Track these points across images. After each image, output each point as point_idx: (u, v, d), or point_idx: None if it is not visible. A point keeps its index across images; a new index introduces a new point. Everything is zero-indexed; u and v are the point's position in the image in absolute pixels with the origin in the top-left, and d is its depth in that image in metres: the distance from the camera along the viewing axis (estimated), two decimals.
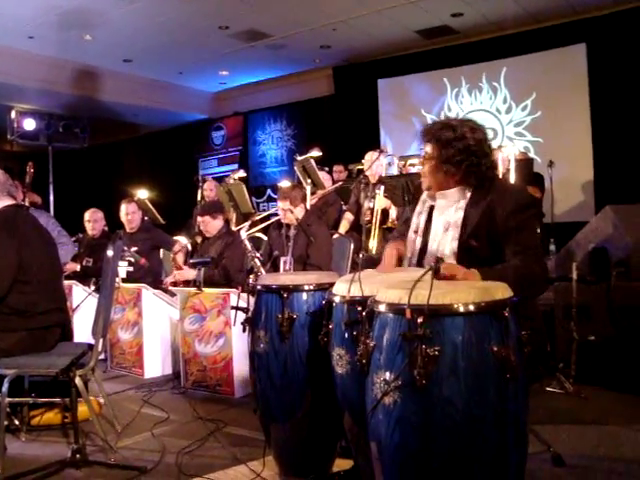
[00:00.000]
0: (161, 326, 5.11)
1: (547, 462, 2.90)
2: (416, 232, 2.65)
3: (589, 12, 8.61)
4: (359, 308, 2.19)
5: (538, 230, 2.69)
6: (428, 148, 2.57)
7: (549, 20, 8.89)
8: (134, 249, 5.67)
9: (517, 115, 9.45)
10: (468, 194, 2.51)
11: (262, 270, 4.58)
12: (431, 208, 2.63)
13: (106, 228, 6.46)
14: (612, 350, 4.22)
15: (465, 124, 2.53)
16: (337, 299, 2.34)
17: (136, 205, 6.12)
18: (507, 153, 5.76)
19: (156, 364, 5.05)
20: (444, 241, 2.48)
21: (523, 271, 2.28)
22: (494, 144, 2.71)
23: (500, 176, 4.28)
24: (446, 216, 2.53)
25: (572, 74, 8.82)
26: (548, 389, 4.09)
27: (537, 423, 2.89)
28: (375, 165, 5.83)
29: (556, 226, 7.46)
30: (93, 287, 5.37)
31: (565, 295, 4.48)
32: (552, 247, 6.86)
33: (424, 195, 2.69)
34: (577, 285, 4.33)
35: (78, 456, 3.04)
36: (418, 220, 2.67)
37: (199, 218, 5.36)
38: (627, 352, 4.15)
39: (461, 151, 2.47)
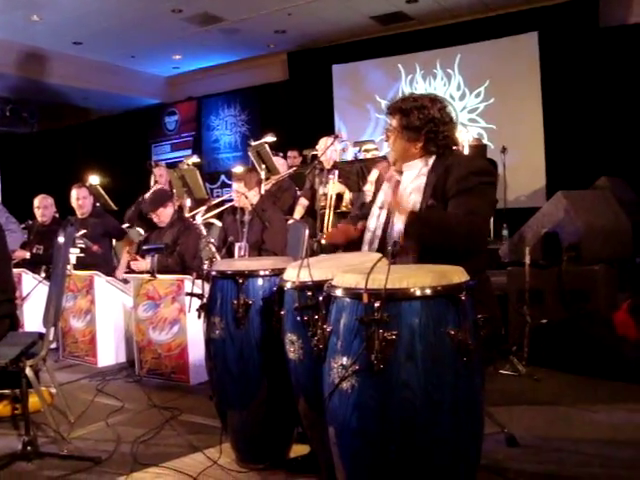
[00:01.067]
0: (114, 314, 5.02)
1: (501, 443, 2.94)
2: (381, 207, 2.71)
3: (541, 1, 8.74)
4: (309, 293, 2.20)
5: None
6: (392, 120, 2.66)
7: (502, 8, 8.99)
8: (83, 232, 5.55)
9: (471, 102, 9.54)
10: (430, 162, 2.59)
11: (217, 256, 4.54)
12: (397, 183, 2.67)
13: (57, 215, 6.31)
14: (563, 333, 4.30)
15: (426, 96, 2.67)
16: (288, 285, 2.33)
17: (87, 190, 6.01)
18: (461, 139, 5.82)
19: (110, 352, 4.97)
20: (409, 204, 2.54)
21: (462, 228, 2.38)
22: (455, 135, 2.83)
23: None
24: (411, 184, 2.60)
25: (525, 62, 8.94)
26: (502, 372, 4.14)
27: (491, 405, 2.92)
28: (329, 151, 5.83)
29: (508, 212, 7.58)
30: (44, 275, 5.25)
31: (518, 279, 4.55)
32: (505, 232, 6.98)
33: (390, 172, 2.75)
34: (530, 269, 4.40)
35: (29, 448, 2.96)
36: (385, 195, 2.72)
37: (150, 214, 5.27)
38: (578, 335, 4.24)
39: (421, 118, 2.57)
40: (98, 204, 6.36)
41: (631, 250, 4.92)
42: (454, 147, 2.71)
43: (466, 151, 5.38)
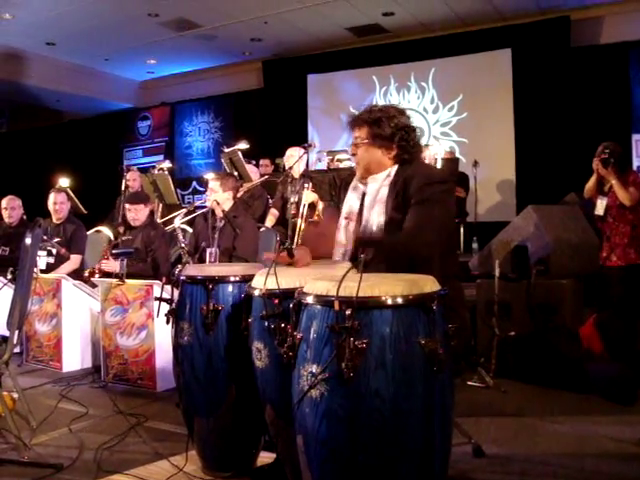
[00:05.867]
0: (81, 318, 4.94)
1: (468, 453, 2.96)
2: (347, 218, 2.69)
3: (515, 19, 8.88)
4: (276, 301, 2.18)
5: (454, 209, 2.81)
6: (359, 132, 2.65)
7: (477, 24, 9.11)
8: (56, 240, 5.49)
9: (444, 115, 9.62)
10: (393, 172, 2.59)
11: (190, 261, 4.51)
12: (363, 194, 2.67)
13: (24, 216, 6.21)
14: (531, 345, 4.34)
15: (390, 106, 2.68)
16: (256, 292, 2.31)
17: (65, 195, 5.87)
18: (434, 152, 5.87)
19: (75, 357, 4.89)
20: (372, 218, 2.56)
21: (404, 249, 2.40)
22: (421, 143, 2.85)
23: None
24: (375, 196, 2.59)
25: (497, 78, 9.06)
26: (469, 383, 4.16)
27: (459, 416, 2.91)
28: (301, 160, 5.88)
29: (479, 225, 7.65)
30: (10, 276, 5.15)
31: (487, 291, 4.58)
32: (475, 245, 7.03)
33: (354, 182, 2.74)
34: (499, 282, 4.43)
35: None
36: (350, 207, 2.71)
37: (128, 206, 5.19)
38: (545, 347, 4.28)
39: (392, 127, 2.57)
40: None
41: (598, 265, 4.98)
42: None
43: (439, 164, 5.41)
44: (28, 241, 3.29)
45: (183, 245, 4.59)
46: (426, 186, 2.48)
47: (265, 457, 2.88)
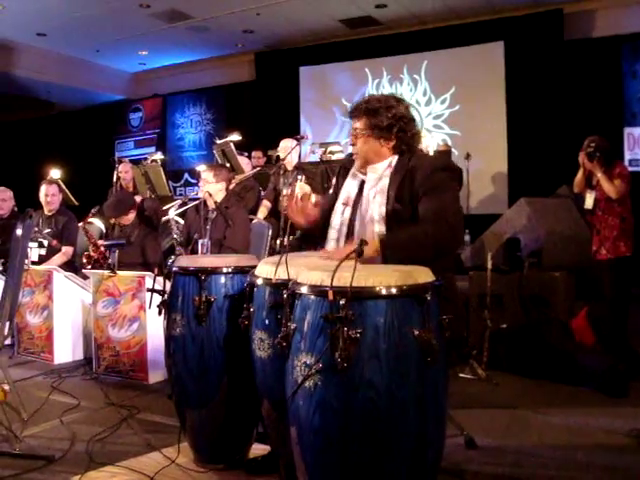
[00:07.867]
0: (73, 310, 4.92)
1: (460, 445, 2.97)
2: (345, 204, 2.66)
3: (507, 12, 8.88)
4: (284, 291, 2.16)
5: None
6: (358, 123, 2.61)
7: (469, 17, 9.10)
8: (48, 231, 5.47)
9: (436, 108, 9.62)
10: (393, 162, 2.58)
11: (183, 252, 4.49)
12: (362, 182, 2.66)
13: (16, 208, 6.17)
14: (523, 337, 4.35)
15: (389, 96, 2.66)
16: (260, 281, 2.29)
17: (57, 187, 5.83)
18: (426, 144, 5.86)
19: (67, 349, 4.87)
20: (373, 207, 2.53)
21: (433, 239, 2.34)
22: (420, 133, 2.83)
23: None
24: (375, 186, 2.57)
25: (490, 70, 9.05)
26: (461, 375, 4.17)
27: (451, 408, 2.90)
28: (294, 152, 5.86)
29: (471, 217, 7.65)
30: (0, 268, 5.12)
31: (480, 284, 4.59)
32: (467, 237, 7.03)
33: (354, 169, 2.71)
34: (491, 274, 4.44)
35: None
36: (348, 193, 2.68)
37: (113, 220, 5.21)
38: (537, 340, 4.29)
39: (390, 117, 2.55)
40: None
41: (590, 258, 5.00)
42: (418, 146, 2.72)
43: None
44: (19, 232, 3.27)
45: (176, 236, 4.57)
46: (433, 174, 2.46)
47: (258, 449, 2.87)
